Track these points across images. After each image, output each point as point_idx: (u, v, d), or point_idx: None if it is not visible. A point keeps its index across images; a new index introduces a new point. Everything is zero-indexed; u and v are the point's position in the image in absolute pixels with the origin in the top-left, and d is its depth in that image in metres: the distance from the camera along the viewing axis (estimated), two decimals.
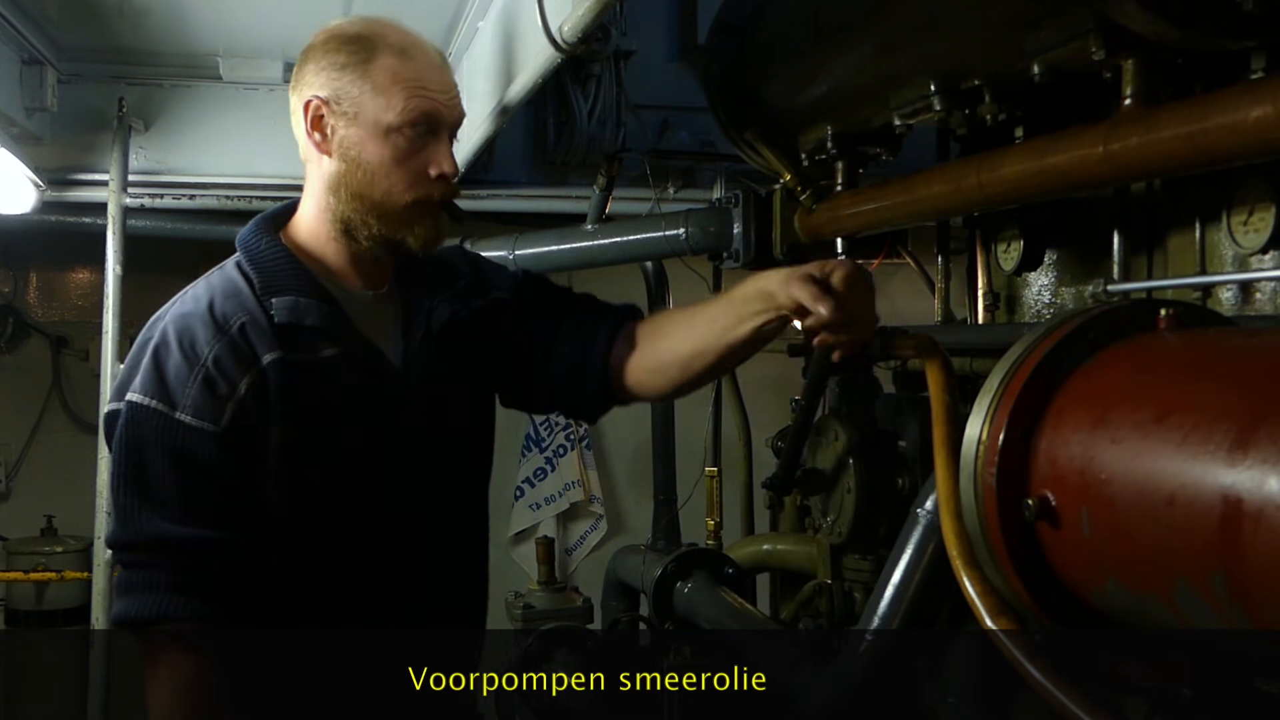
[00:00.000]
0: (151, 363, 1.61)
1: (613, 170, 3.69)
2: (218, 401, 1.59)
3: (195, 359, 1.60)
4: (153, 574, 1.58)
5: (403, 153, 1.66)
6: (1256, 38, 1.58)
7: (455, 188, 1.73)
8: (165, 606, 1.57)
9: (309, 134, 1.70)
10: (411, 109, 1.65)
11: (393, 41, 1.68)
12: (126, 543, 1.60)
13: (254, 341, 1.62)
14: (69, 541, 4.81)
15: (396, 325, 1.76)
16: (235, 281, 1.68)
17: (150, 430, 1.58)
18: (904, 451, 2.37)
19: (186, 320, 1.63)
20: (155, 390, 1.59)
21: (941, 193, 2.21)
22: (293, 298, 1.66)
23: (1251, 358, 1.31)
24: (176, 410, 1.58)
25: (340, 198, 1.69)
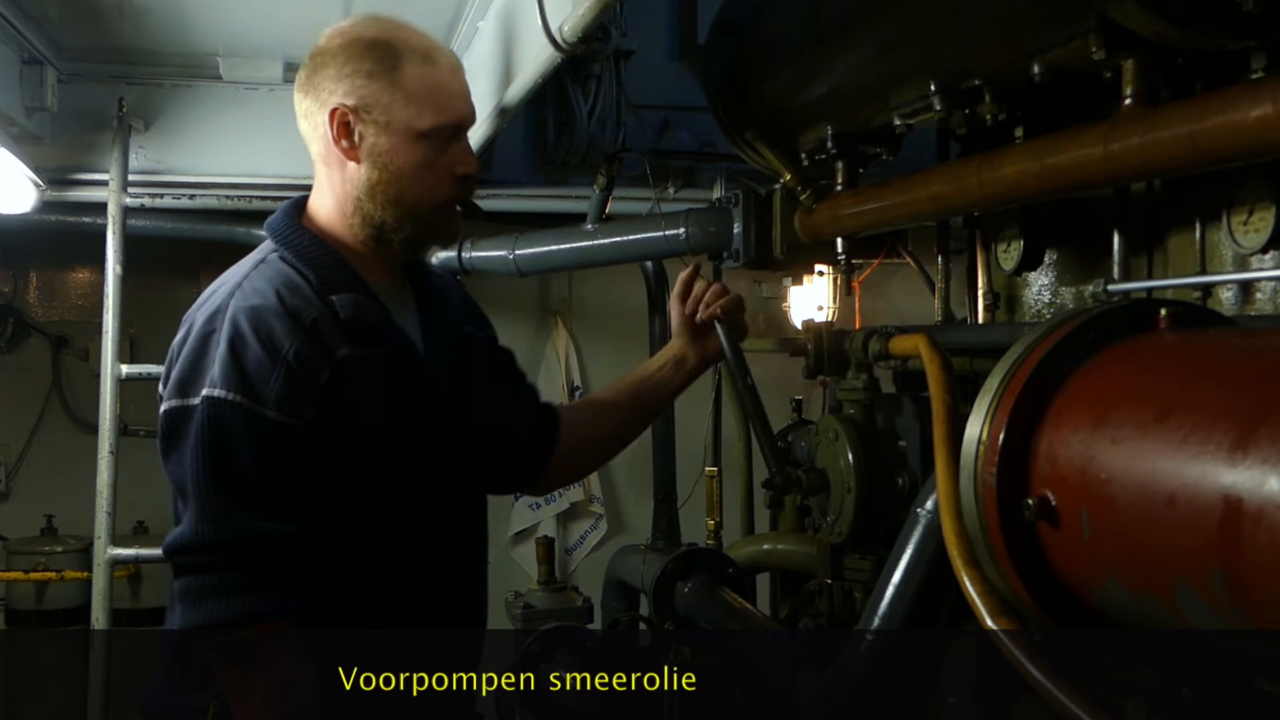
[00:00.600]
0: (229, 355, 1.58)
1: (613, 170, 3.69)
2: (301, 395, 1.59)
3: (276, 352, 1.59)
4: (243, 575, 1.55)
5: (433, 157, 1.70)
6: (1256, 38, 1.58)
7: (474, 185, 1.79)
8: (264, 605, 1.55)
9: (335, 141, 1.70)
10: (445, 116, 1.70)
11: (415, 46, 1.71)
12: (215, 542, 1.56)
13: (326, 336, 1.63)
14: (69, 541, 4.81)
15: (418, 324, 1.80)
16: (292, 276, 1.68)
17: (236, 425, 1.56)
18: (904, 451, 2.37)
19: (260, 313, 1.61)
20: (237, 384, 1.57)
21: (941, 193, 2.21)
22: (352, 295, 1.68)
23: (1251, 358, 1.31)
24: (261, 404, 1.57)
25: (376, 203, 1.71)
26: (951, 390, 1.87)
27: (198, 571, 1.56)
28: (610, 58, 3.81)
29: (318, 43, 1.74)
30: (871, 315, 4.56)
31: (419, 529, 1.73)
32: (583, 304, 5.62)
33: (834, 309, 4.48)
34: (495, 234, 4.05)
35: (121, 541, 3.87)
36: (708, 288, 2.12)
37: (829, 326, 2.56)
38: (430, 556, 1.75)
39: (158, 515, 4.57)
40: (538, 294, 5.58)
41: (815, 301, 4.66)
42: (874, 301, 5.08)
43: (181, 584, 1.58)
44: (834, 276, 4.18)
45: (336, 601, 1.65)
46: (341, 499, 1.64)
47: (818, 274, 4.46)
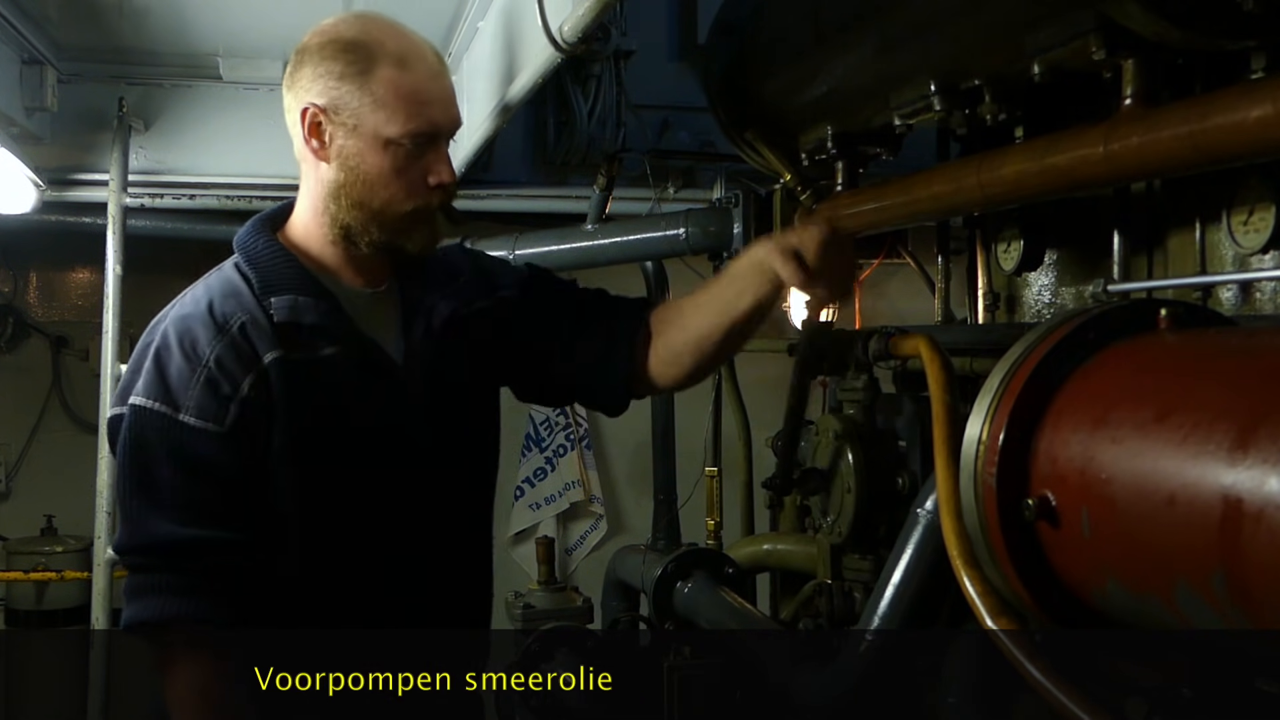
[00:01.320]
0: (153, 365, 1.62)
1: (613, 170, 3.69)
2: (220, 402, 1.60)
3: (197, 360, 1.61)
4: (161, 577, 1.59)
5: (402, 163, 1.67)
6: (1256, 38, 1.58)
7: (453, 193, 1.74)
8: (176, 608, 1.58)
9: (306, 140, 1.70)
10: (413, 124, 1.66)
11: (391, 49, 1.67)
12: (133, 546, 1.61)
13: (254, 341, 1.63)
14: (69, 541, 4.81)
15: (397, 323, 1.77)
16: (234, 282, 1.69)
17: (154, 432, 1.59)
18: (904, 451, 2.37)
19: (187, 322, 1.64)
20: (158, 393, 1.60)
21: (941, 193, 2.21)
22: (291, 296, 1.67)
23: (1251, 358, 1.31)
24: (180, 412, 1.59)
25: (341, 205, 1.70)
26: (951, 390, 1.87)
27: (131, 570, 1.63)
28: (610, 58, 3.81)
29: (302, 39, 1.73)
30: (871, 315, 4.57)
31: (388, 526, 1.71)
32: None
33: (834, 309, 4.48)
34: (495, 234, 4.05)
35: None
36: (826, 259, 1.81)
37: (829, 326, 2.56)
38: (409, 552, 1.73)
39: None
40: None
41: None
42: (874, 301, 5.09)
43: (124, 582, 1.65)
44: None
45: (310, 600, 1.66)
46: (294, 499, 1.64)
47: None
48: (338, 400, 1.67)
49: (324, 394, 1.66)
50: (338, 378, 1.67)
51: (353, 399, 1.68)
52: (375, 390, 1.71)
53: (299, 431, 1.63)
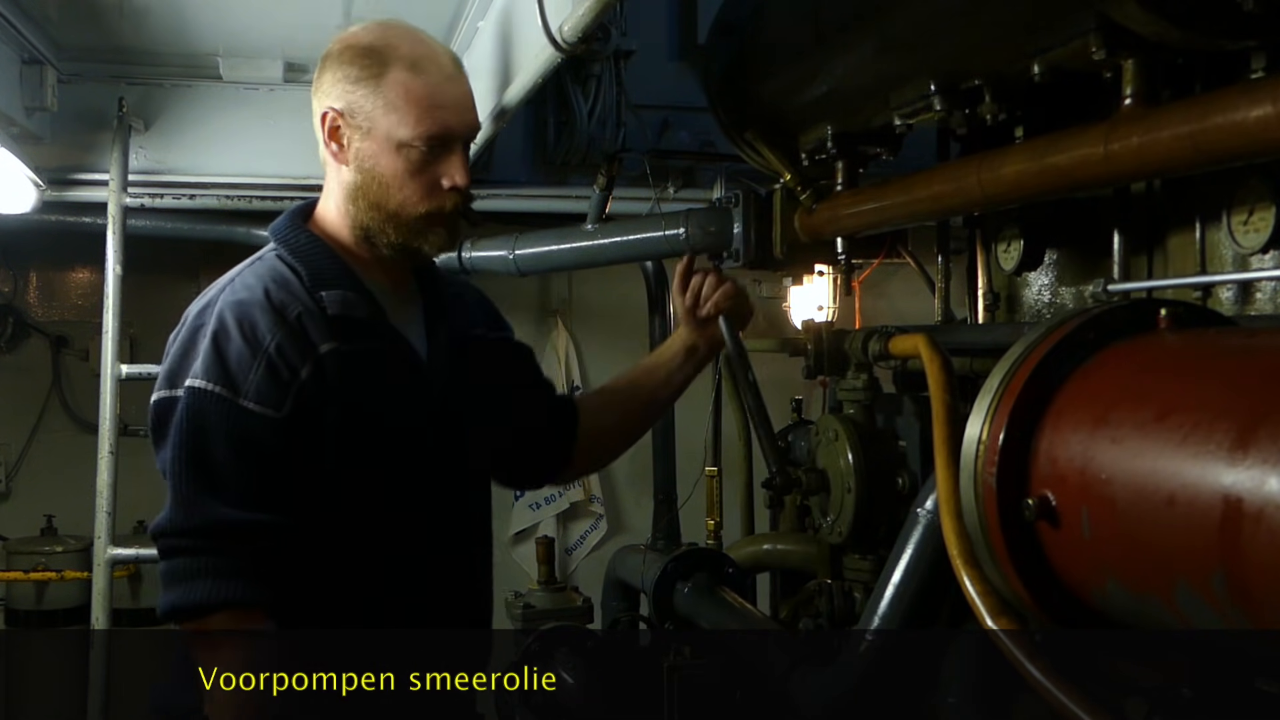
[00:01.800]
0: (212, 348, 1.62)
1: (613, 170, 3.69)
2: (281, 388, 1.62)
3: (258, 345, 1.62)
4: (211, 559, 1.59)
5: (416, 166, 1.70)
6: (1256, 38, 1.58)
7: (469, 195, 1.77)
8: (230, 591, 1.58)
9: (326, 143, 1.74)
10: (423, 127, 1.69)
11: (405, 54, 1.71)
12: (186, 528, 1.60)
13: (310, 331, 1.66)
14: (69, 541, 4.81)
15: (420, 327, 1.81)
16: (284, 273, 1.71)
17: (214, 415, 1.60)
18: (904, 451, 2.37)
19: (245, 307, 1.65)
20: (218, 375, 1.61)
21: (941, 193, 2.21)
22: (341, 291, 1.71)
23: (1251, 358, 1.31)
24: (240, 396, 1.60)
25: (359, 207, 1.74)
26: (951, 390, 1.87)
27: (173, 555, 1.62)
28: (610, 58, 3.81)
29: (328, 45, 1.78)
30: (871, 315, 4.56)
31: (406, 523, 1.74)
32: (583, 304, 5.62)
33: (834, 309, 4.48)
34: (495, 234, 4.05)
35: (121, 541, 3.87)
36: (704, 280, 2.12)
37: (829, 326, 2.56)
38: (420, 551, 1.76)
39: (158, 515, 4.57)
40: (538, 294, 5.58)
41: (815, 301, 4.66)
42: (874, 301, 5.08)
43: (161, 566, 1.64)
44: (834, 276, 4.17)
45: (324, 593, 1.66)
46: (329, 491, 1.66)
47: (818, 274, 4.45)
48: (380, 394, 1.71)
49: (371, 386, 1.70)
50: (382, 372, 1.72)
51: (392, 394, 1.72)
52: (412, 387, 1.75)
53: (347, 422, 1.67)
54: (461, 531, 1.83)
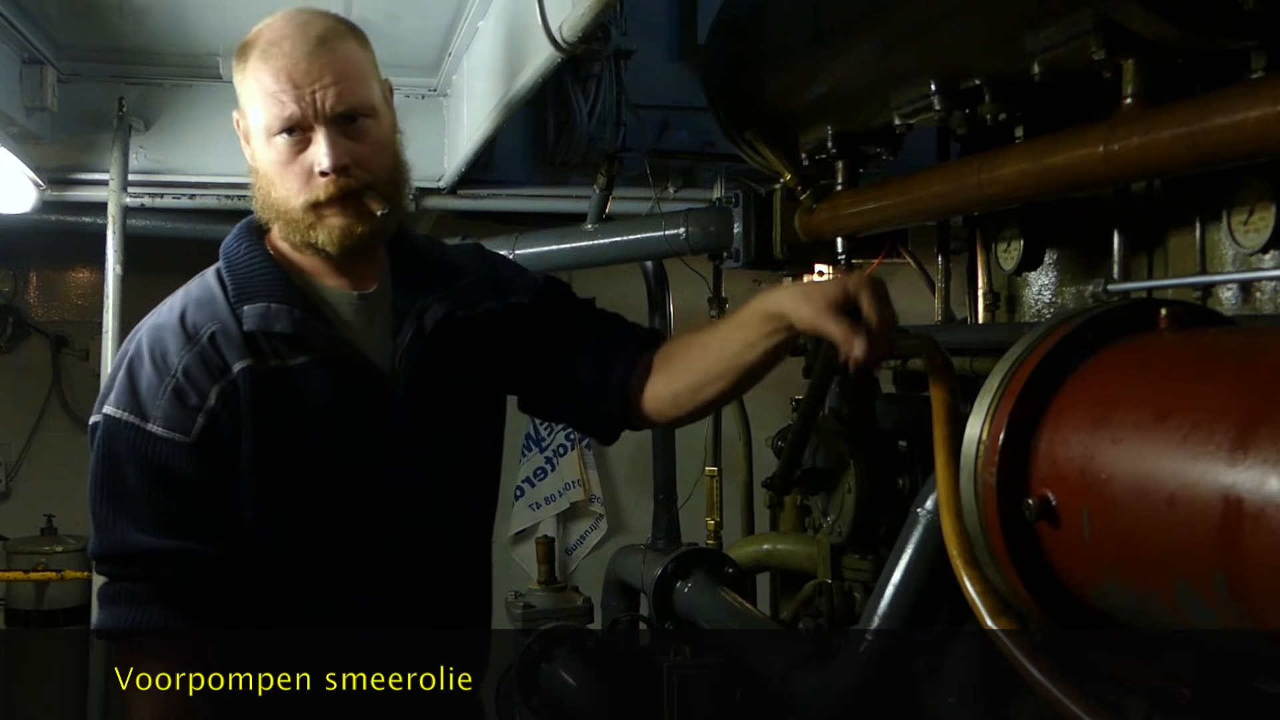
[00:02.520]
0: (125, 375, 1.62)
1: (613, 170, 3.69)
2: (188, 412, 1.59)
3: (166, 370, 1.60)
4: (128, 586, 1.59)
5: (285, 156, 1.62)
6: (1256, 38, 1.58)
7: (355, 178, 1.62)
8: (139, 618, 1.58)
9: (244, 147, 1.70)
10: (270, 113, 1.61)
11: (264, 39, 1.62)
12: (103, 554, 1.62)
13: (224, 351, 1.61)
14: (69, 541, 4.81)
15: (385, 326, 1.72)
16: (211, 289, 1.67)
17: (123, 442, 1.59)
18: (904, 451, 2.37)
19: (159, 331, 1.64)
20: (128, 403, 1.60)
21: (941, 193, 2.21)
22: (264, 304, 1.63)
23: (1251, 358, 1.31)
24: (148, 422, 1.59)
25: (258, 205, 1.69)
26: (951, 390, 1.87)
27: (104, 577, 1.64)
28: (610, 58, 3.81)
29: None
30: None
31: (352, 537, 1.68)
32: None
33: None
34: (495, 234, 4.05)
35: None
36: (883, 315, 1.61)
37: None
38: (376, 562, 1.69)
39: None
40: None
41: None
42: None
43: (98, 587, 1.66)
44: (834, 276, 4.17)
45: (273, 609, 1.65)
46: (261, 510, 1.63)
47: (818, 274, 4.45)
48: (310, 409, 1.64)
49: (295, 403, 1.63)
50: (308, 387, 1.64)
51: (327, 407, 1.65)
52: (353, 397, 1.66)
53: (267, 441, 1.62)
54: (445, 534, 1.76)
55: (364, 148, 1.63)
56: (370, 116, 1.64)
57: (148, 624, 1.57)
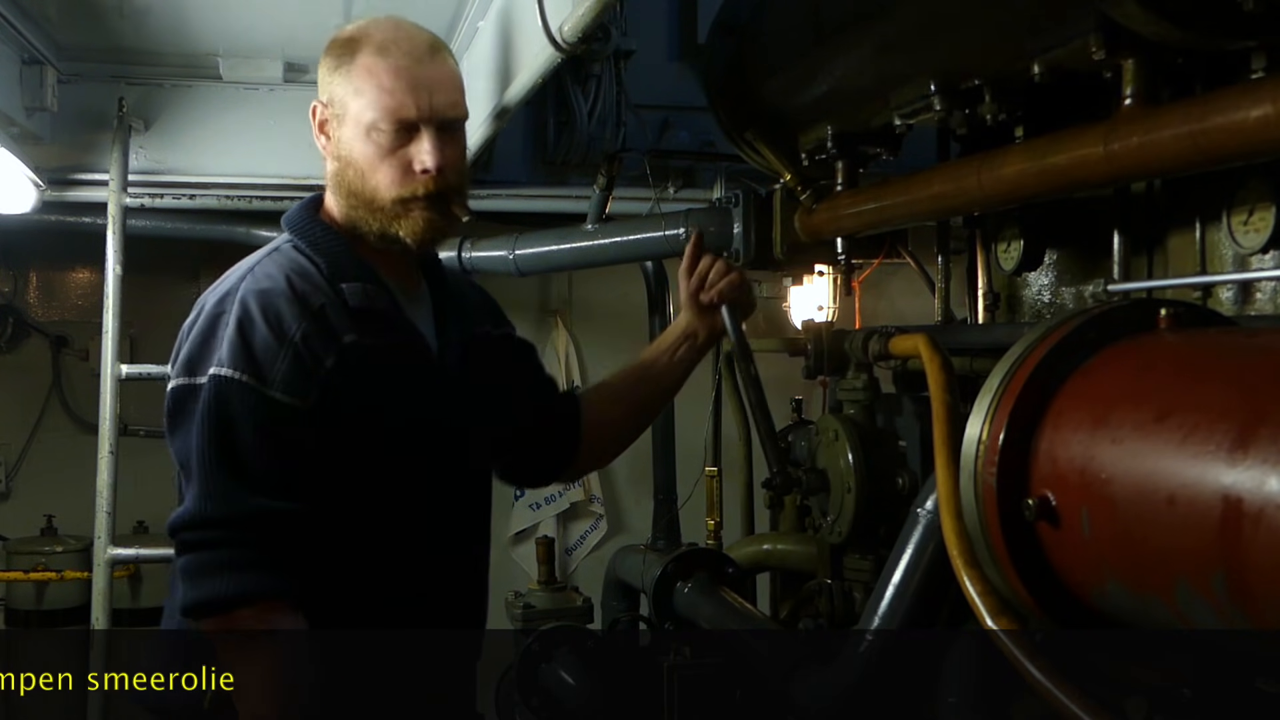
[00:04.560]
0: (237, 336, 1.60)
1: (613, 170, 3.69)
2: (307, 378, 1.61)
3: (284, 335, 1.61)
4: (238, 552, 1.55)
5: (384, 149, 1.69)
6: (1256, 38, 1.58)
7: (447, 180, 1.72)
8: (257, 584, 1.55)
9: (316, 137, 1.75)
10: (383, 106, 1.68)
11: (376, 38, 1.71)
12: (215, 518, 1.57)
13: (334, 322, 1.65)
14: (69, 541, 4.81)
15: (427, 326, 1.80)
16: (303, 264, 1.70)
17: (240, 404, 1.58)
18: (904, 451, 2.37)
19: (269, 296, 1.63)
20: (244, 364, 1.59)
21: (941, 193, 2.21)
22: (360, 284, 1.70)
23: (1251, 358, 1.31)
24: (267, 385, 1.58)
25: (341, 195, 1.74)
26: (951, 390, 1.87)
27: (200, 548, 1.58)
28: (610, 58, 3.81)
29: None
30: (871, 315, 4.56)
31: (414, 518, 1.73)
32: (583, 304, 5.62)
33: (834, 309, 4.48)
34: (495, 234, 4.05)
35: (121, 541, 3.87)
36: (712, 264, 2.08)
37: (829, 326, 2.56)
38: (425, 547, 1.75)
39: (158, 515, 4.56)
40: (538, 294, 5.58)
41: (815, 301, 4.66)
42: (874, 301, 5.08)
43: (183, 561, 1.59)
44: (834, 276, 4.17)
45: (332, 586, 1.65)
46: (342, 483, 1.65)
47: (818, 274, 4.46)
48: (400, 387, 1.71)
49: (390, 380, 1.69)
50: (400, 366, 1.72)
51: (407, 388, 1.72)
52: (423, 381, 1.75)
53: (364, 415, 1.66)
54: (461, 530, 1.82)
55: (456, 154, 1.74)
56: (461, 129, 1.76)
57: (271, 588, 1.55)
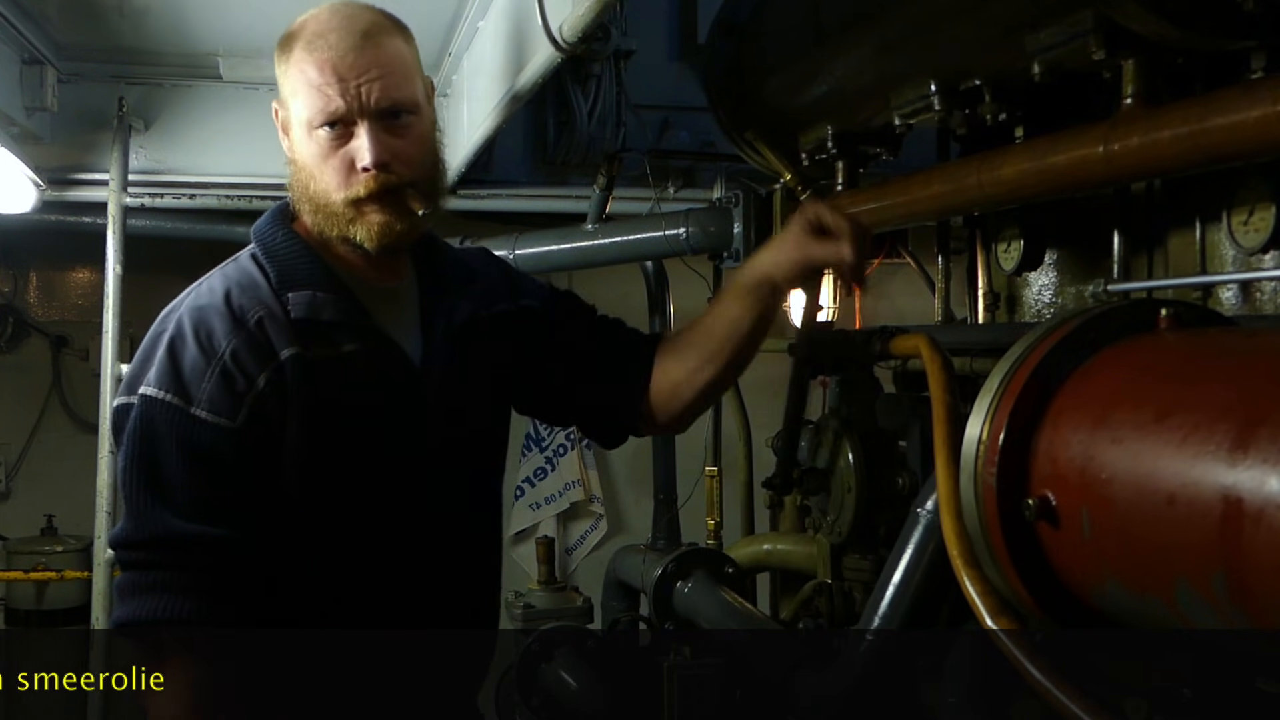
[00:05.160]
0: (167, 355, 1.56)
1: (613, 170, 3.69)
2: (235, 397, 1.55)
3: (212, 353, 1.55)
4: (162, 574, 1.53)
5: (326, 149, 1.61)
6: (1256, 38, 1.58)
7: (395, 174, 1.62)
8: (177, 607, 1.52)
9: (281, 140, 1.70)
10: (314, 107, 1.61)
11: (309, 30, 1.63)
12: (137, 540, 1.55)
13: (272, 336, 1.58)
14: (69, 541, 4.81)
15: (412, 321, 1.73)
16: (251, 274, 1.64)
17: (164, 425, 1.54)
18: (904, 451, 2.37)
19: (203, 313, 1.59)
20: (170, 384, 1.55)
21: (941, 193, 2.21)
22: (309, 292, 1.62)
23: (1251, 358, 1.31)
24: (192, 405, 1.54)
25: (297, 199, 1.68)
26: (951, 390, 1.87)
27: (127, 568, 1.57)
28: (610, 58, 3.81)
29: None
30: (871, 315, 4.57)
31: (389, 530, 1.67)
32: None
33: (834, 309, 4.48)
34: (495, 234, 4.05)
35: None
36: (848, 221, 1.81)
37: (829, 326, 2.56)
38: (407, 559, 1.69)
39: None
40: None
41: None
42: (874, 301, 5.09)
43: (118, 579, 1.60)
44: (834, 277, 4.18)
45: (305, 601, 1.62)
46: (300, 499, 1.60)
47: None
48: (354, 399, 1.63)
49: (340, 392, 1.61)
50: (355, 376, 1.63)
51: (369, 398, 1.64)
52: (392, 389, 1.66)
53: (313, 430, 1.59)
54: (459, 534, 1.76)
55: (406, 144, 1.63)
56: (413, 113, 1.64)
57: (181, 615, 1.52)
